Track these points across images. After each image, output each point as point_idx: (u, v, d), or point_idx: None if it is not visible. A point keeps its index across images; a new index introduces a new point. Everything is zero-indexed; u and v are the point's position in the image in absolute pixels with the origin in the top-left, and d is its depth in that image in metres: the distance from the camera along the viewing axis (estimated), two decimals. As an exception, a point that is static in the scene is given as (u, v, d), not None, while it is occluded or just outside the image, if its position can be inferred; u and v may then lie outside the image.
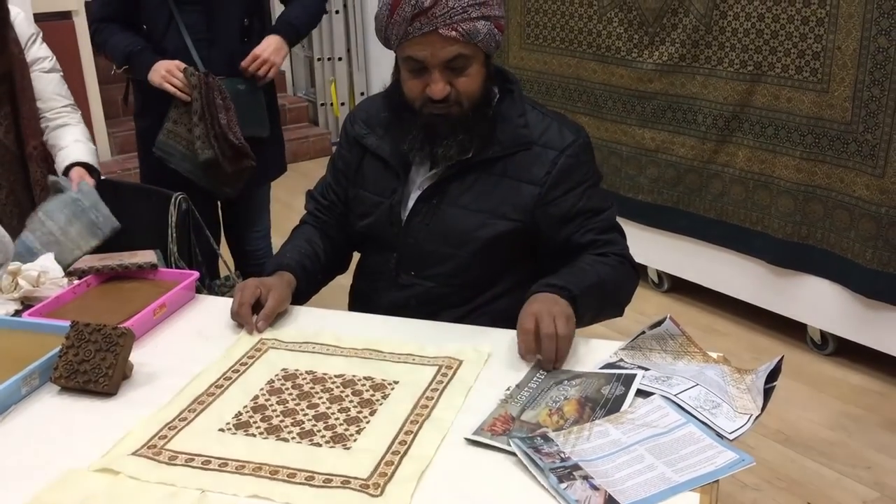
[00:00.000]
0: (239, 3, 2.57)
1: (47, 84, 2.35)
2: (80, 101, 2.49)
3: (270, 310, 1.60)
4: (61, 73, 2.40)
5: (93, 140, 2.43)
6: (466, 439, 1.24)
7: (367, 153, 1.77)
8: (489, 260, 1.69)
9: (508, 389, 1.37)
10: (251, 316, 1.60)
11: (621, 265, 1.67)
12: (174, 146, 2.50)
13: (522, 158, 1.66)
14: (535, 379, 1.40)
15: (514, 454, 1.18)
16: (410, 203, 1.71)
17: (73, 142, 2.32)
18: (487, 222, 1.67)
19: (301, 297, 1.74)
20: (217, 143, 2.46)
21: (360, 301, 1.85)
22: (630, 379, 1.35)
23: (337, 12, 5.82)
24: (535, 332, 1.43)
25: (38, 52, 2.32)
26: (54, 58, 2.38)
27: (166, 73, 2.43)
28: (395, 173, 1.72)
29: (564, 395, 1.33)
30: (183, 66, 2.45)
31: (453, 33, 1.52)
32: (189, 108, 2.46)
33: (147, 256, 1.75)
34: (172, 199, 2.16)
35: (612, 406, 1.29)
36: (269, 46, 2.56)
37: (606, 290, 1.62)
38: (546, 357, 1.42)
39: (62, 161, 2.29)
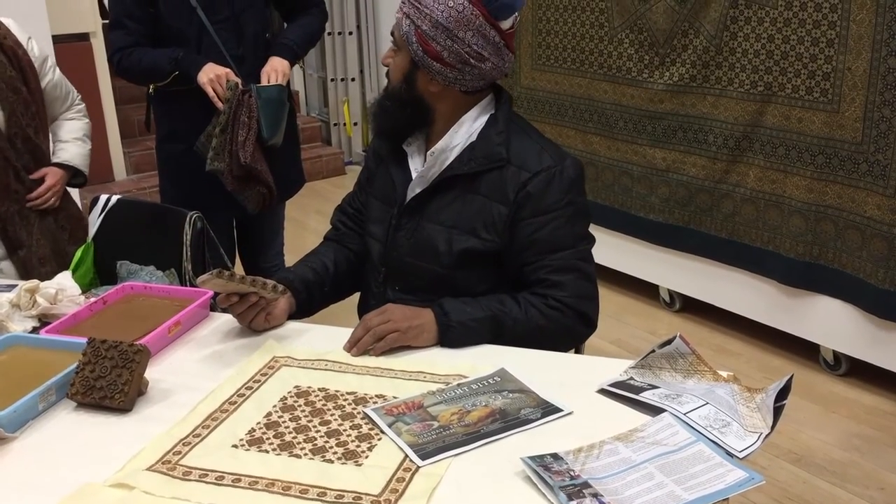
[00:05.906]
0: (260, 19, 2.62)
1: (58, 89, 2.45)
2: (97, 121, 2.55)
3: (276, 316, 1.67)
4: (55, 67, 2.47)
5: (90, 138, 2.52)
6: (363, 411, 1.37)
7: (382, 162, 1.82)
8: (463, 275, 1.67)
9: (451, 384, 1.44)
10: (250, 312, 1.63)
11: (556, 312, 1.63)
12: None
13: (497, 177, 1.65)
14: (481, 381, 1.44)
15: (522, 471, 1.20)
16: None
17: (72, 139, 2.45)
18: (455, 237, 1.68)
19: (305, 309, 1.77)
20: (230, 158, 2.49)
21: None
22: (552, 411, 1.35)
23: (350, 33, 5.87)
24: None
25: (41, 59, 2.39)
26: (46, 53, 2.45)
27: (216, 77, 2.44)
28: (393, 186, 1.76)
29: (487, 402, 1.37)
30: (233, 76, 2.46)
31: (398, 14, 1.66)
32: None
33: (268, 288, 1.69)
34: (188, 218, 2.19)
35: (511, 423, 1.32)
36: (276, 65, 2.58)
37: (513, 330, 1.60)
38: (351, 337, 1.57)
39: (57, 155, 2.44)
